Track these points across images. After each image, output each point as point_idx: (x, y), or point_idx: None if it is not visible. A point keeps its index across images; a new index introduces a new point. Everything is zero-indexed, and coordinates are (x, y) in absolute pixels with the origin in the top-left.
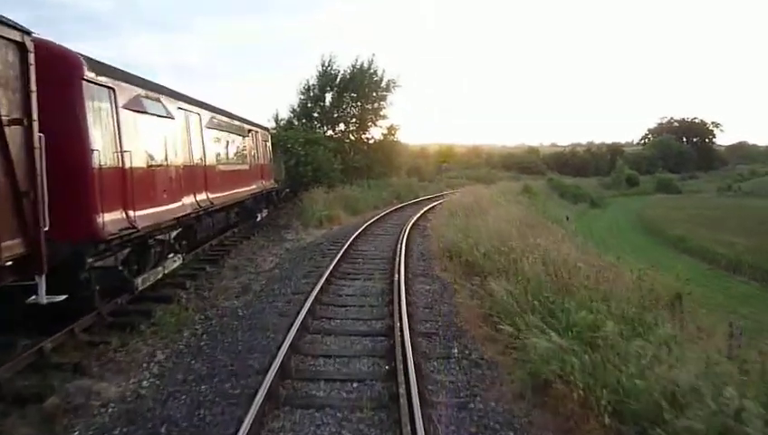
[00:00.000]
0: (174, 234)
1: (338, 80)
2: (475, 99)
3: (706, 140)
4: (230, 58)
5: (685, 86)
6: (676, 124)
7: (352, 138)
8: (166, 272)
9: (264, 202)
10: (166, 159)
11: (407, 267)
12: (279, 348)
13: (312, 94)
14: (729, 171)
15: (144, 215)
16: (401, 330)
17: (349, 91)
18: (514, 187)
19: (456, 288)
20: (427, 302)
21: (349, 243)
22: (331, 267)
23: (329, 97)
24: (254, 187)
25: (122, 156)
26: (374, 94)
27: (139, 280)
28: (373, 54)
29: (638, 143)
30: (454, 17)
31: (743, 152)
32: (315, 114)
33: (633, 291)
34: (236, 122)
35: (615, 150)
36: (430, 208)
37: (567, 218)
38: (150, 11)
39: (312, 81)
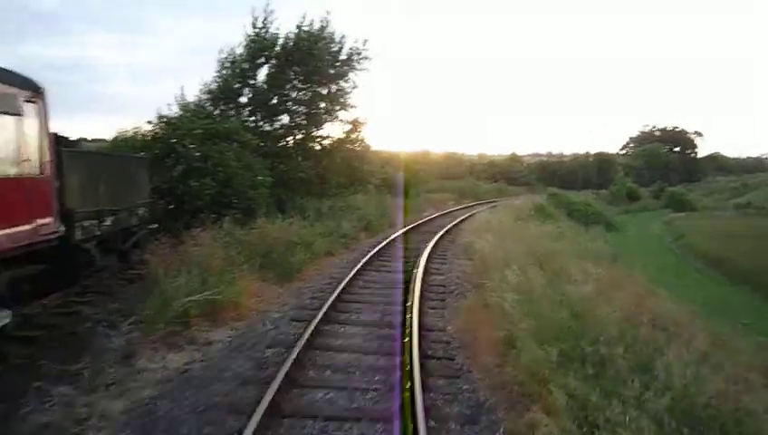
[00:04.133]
0: None
1: (277, 48)
2: (439, 107)
3: (687, 151)
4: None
5: (657, 95)
6: (658, 133)
7: (299, 135)
8: None
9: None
10: None
11: None
12: None
13: (238, 70)
14: (712, 183)
15: None
16: None
17: (293, 66)
18: (524, 206)
19: None
20: None
21: None
22: None
23: (263, 73)
24: None
25: None
26: (330, 71)
27: None
28: (327, 12)
29: (619, 153)
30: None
31: (718, 164)
32: (244, 99)
33: None
34: None
35: (604, 160)
36: (441, 260)
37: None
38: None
39: (240, 50)
